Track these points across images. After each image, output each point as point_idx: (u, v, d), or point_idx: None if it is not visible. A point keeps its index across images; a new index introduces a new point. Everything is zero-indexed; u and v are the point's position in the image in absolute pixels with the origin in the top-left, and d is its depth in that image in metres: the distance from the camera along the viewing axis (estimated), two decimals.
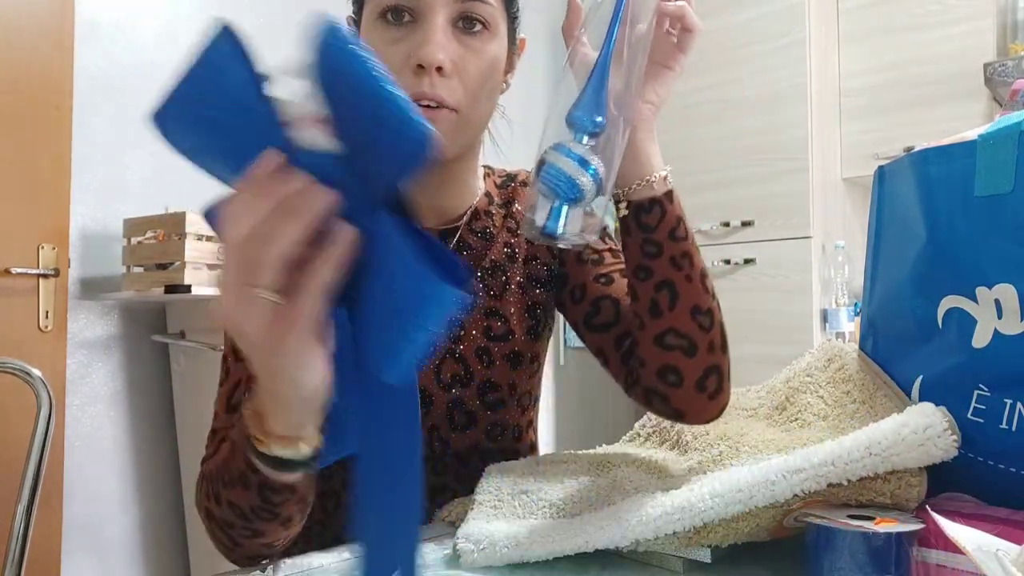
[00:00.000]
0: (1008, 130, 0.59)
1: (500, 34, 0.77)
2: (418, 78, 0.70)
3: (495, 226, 0.88)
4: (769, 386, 0.90)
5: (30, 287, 1.85)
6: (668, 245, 0.71)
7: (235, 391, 0.77)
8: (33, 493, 1.09)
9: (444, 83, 0.71)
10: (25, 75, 1.83)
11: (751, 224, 2.59)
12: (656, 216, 0.70)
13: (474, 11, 0.73)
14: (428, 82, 0.70)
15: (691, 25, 0.68)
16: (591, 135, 0.59)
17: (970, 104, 2.33)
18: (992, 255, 0.59)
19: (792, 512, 0.59)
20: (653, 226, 0.70)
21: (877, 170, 0.76)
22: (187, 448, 2.14)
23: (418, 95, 0.70)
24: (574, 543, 0.62)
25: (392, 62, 0.71)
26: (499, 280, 0.86)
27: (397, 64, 0.71)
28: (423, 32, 0.71)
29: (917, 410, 0.59)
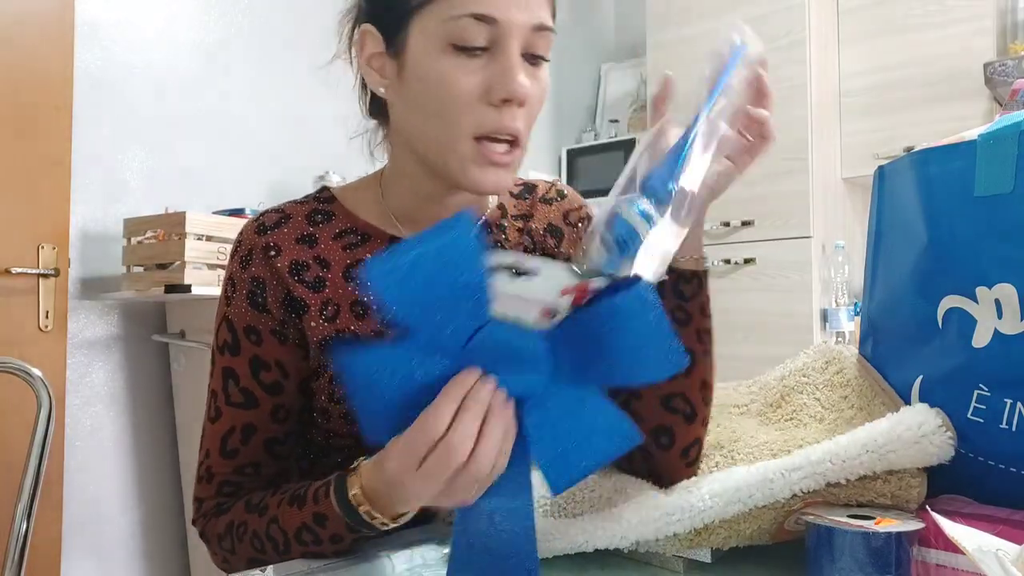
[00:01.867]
0: (1008, 130, 0.59)
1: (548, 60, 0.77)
2: (499, 112, 0.69)
3: (507, 241, 0.86)
4: (761, 382, 0.89)
5: (30, 287, 1.85)
6: (697, 318, 0.73)
7: (229, 436, 0.76)
8: (33, 493, 1.09)
9: (519, 114, 0.71)
10: (25, 75, 1.83)
11: (751, 224, 2.59)
12: (694, 288, 0.72)
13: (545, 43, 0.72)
14: (510, 115, 0.69)
15: (769, 134, 0.69)
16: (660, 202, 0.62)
17: (970, 104, 2.33)
18: (992, 255, 0.59)
19: (793, 513, 0.59)
20: (689, 296, 0.72)
21: (877, 170, 0.76)
22: (187, 448, 2.15)
23: (500, 128, 0.69)
24: (574, 543, 0.62)
25: (468, 93, 0.69)
26: None
27: (473, 96, 0.69)
28: (503, 63, 0.69)
29: (912, 409, 0.59)
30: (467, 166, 0.71)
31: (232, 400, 0.76)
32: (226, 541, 0.72)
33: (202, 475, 0.77)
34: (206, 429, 0.77)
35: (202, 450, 0.78)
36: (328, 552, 0.67)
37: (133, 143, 2.14)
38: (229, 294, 0.78)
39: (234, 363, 0.76)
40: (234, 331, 0.76)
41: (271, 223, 0.79)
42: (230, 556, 0.73)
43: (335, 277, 0.77)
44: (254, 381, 0.75)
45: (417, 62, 0.71)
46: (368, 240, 0.79)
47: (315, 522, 0.65)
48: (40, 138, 1.86)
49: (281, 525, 0.67)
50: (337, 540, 0.65)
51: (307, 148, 2.53)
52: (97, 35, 2.08)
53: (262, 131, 2.43)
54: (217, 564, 0.75)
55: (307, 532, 0.66)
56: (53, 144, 1.88)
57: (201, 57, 2.31)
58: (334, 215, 0.80)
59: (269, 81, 2.46)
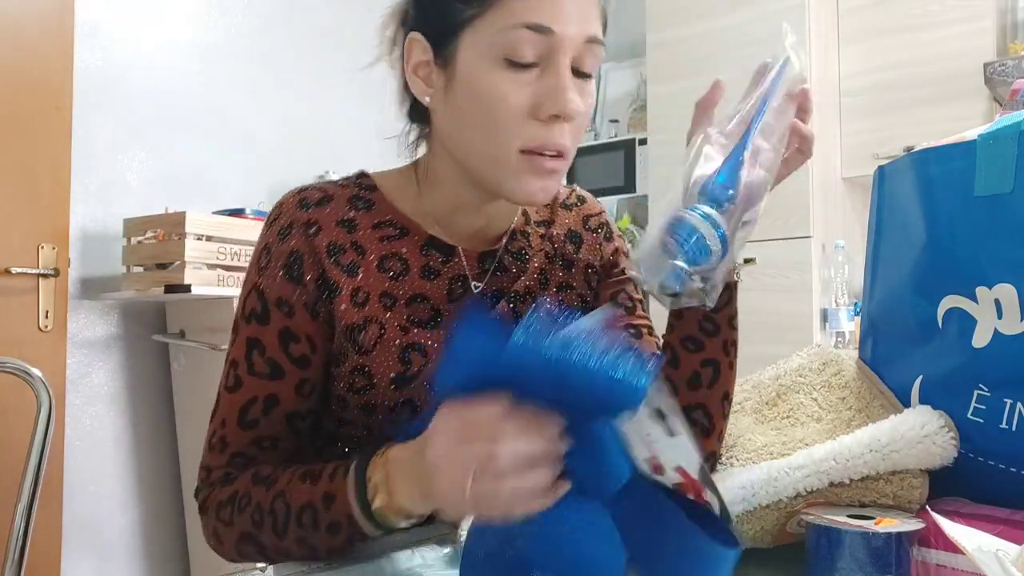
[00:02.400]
0: (1008, 130, 0.59)
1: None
2: (548, 127, 0.69)
3: (530, 247, 0.85)
4: (755, 381, 0.88)
5: (30, 287, 1.85)
6: (725, 329, 0.75)
7: (250, 406, 0.74)
8: (33, 493, 1.09)
9: (567, 130, 0.70)
10: (25, 75, 1.83)
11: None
12: (724, 299, 0.73)
13: (595, 57, 0.71)
14: (559, 131, 0.69)
15: (808, 151, 0.71)
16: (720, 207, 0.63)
17: (970, 104, 2.33)
18: (992, 255, 0.59)
19: (796, 515, 0.59)
20: (719, 307, 0.73)
21: (877, 170, 0.76)
22: (187, 447, 2.15)
23: (547, 145, 0.69)
24: None
25: (516, 107, 0.69)
26: (529, 306, 0.83)
27: (523, 109, 0.69)
28: (554, 78, 0.68)
29: (915, 411, 0.59)
30: (515, 177, 0.71)
31: (256, 370, 0.74)
32: (225, 511, 0.70)
33: (214, 444, 0.75)
34: (222, 398, 0.75)
35: (216, 419, 0.75)
36: (319, 545, 0.65)
37: (133, 143, 2.14)
38: (262, 264, 0.76)
39: (261, 333, 0.74)
40: (264, 301, 0.74)
41: (313, 200, 0.77)
42: (224, 530, 0.70)
43: (369, 265, 0.77)
44: (282, 353, 0.74)
45: (467, 75, 0.70)
46: (406, 235, 0.79)
47: (322, 502, 0.63)
48: (40, 138, 1.86)
49: (287, 499, 0.66)
50: (334, 531, 0.63)
51: (307, 148, 2.53)
52: (97, 35, 2.08)
53: (262, 131, 2.43)
54: (208, 539, 0.73)
55: (309, 512, 0.64)
56: (53, 144, 1.88)
57: (201, 57, 2.30)
58: (374, 204, 0.79)
59: (269, 81, 2.46)
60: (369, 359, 0.76)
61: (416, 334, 0.77)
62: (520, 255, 0.84)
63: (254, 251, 0.78)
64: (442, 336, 0.78)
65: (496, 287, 0.82)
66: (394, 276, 0.77)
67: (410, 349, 0.77)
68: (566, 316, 0.50)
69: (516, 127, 0.69)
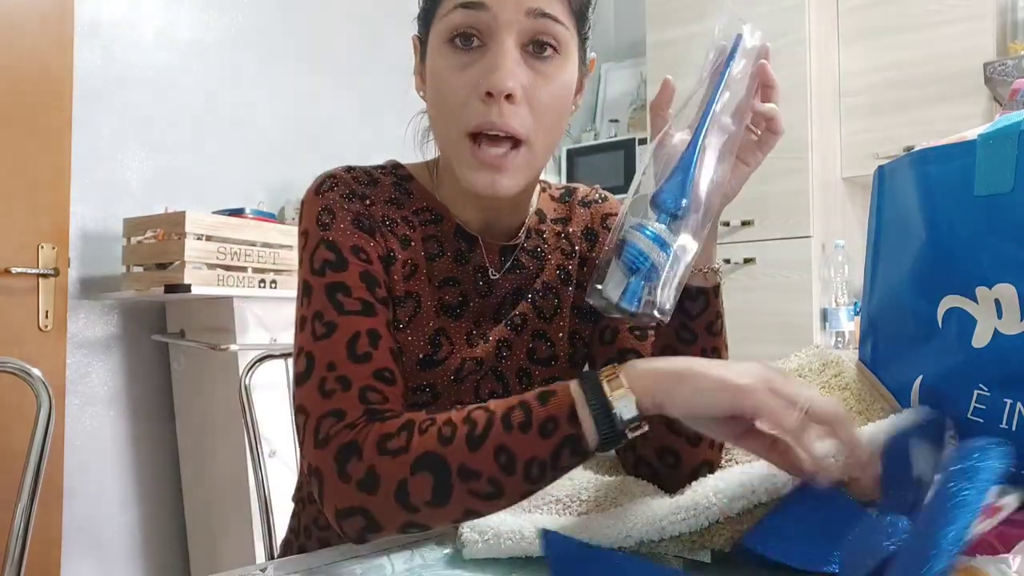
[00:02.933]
0: (1008, 130, 0.59)
1: (572, 57, 0.73)
2: (487, 106, 0.67)
3: (547, 245, 0.85)
4: None
5: (30, 287, 1.85)
6: (703, 337, 0.72)
7: (355, 341, 0.67)
8: (33, 493, 1.09)
9: (514, 111, 0.68)
10: (25, 75, 1.83)
11: (751, 224, 2.59)
12: (700, 306, 0.71)
13: (546, 32, 0.69)
14: (497, 111, 0.67)
15: (778, 128, 0.68)
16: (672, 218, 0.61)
17: (970, 104, 2.33)
18: (992, 255, 0.59)
19: None
20: (694, 315, 0.71)
21: (877, 170, 0.76)
22: (187, 448, 2.15)
23: (487, 125, 0.68)
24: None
25: (461, 89, 0.68)
26: (551, 302, 0.83)
27: (466, 91, 0.68)
28: (492, 57, 0.68)
29: (915, 410, 0.59)
30: (465, 164, 0.71)
31: (347, 309, 0.68)
32: (395, 440, 0.60)
33: (333, 387, 0.65)
34: (316, 350, 0.67)
35: (317, 369, 0.66)
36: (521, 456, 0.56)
37: (133, 143, 2.14)
38: (326, 221, 0.72)
39: (343, 277, 0.70)
40: (337, 250, 0.71)
41: (364, 180, 0.77)
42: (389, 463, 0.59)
43: (417, 241, 0.77)
44: (368, 292, 0.70)
45: (430, 64, 0.72)
46: (441, 220, 0.80)
47: (537, 398, 0.58)
48: (40, 138, 1.86)
49: (489, 408, 0.59)
50: (546, 431, 0.56)
51: (307, 148, 2.53)
52: (97, 35, 2.08)
53: (262, 131, 2.43)
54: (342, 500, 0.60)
55: (520, 410, 0.57)
56: (53, 144, 1.88)
57: (201, 57, 2.30)
58: (412, 193, 0.80)
59: (270, 81, 2.46)
60: (402, 336, 0.75)
61: (443, 320, 0.78)
62: (536, 253, 0.84)
63: (306, 216, 0.74)
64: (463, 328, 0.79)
65: (515, 284, 0.82)
66: (431, 257, 0.79)
67: (439, 334, 0.77)
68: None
69: (460, 108, 0.69)
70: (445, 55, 0.70)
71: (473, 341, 0.79)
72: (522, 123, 0.69)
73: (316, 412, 0.64)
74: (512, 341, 0.81)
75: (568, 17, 0.71)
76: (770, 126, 0.68)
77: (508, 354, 0.81)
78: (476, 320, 0.80)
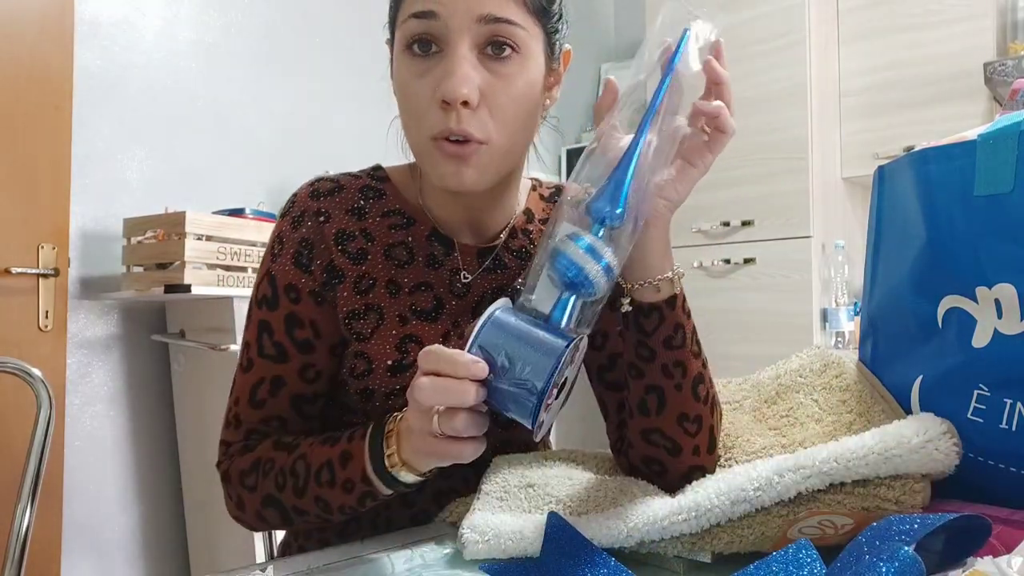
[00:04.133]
0: (1008, 130, 0.59)
1: (534, 54, 0.72)
2: (445, 114, 0.68)
3: (532, 245, 0.85)
4: (753, 380, 0.88)
5: (30, 287, 1.85)
6: (662, 353, 0.69)
7: (258, 387, 0.78)
8: (33, 493, 1.09)
9: (472, 116, 0.68)
10: (25, 75, 1.83)
11: (751, 224, 2.59)
12: (654, 322, 0.68)
13: (500, 35, 0.68)
14: (455, 117, 0.68)
15: (725, 127, 0.64)
16: (609, 227, 0.58)
17: (970, 104, 2.33)
18: (992, 255, 0.59)
19: (797, 522, 0.59)
20: (649, 331, 0.69)
21: (877, 170, 0.76)
22: (187, 448, 2.15)
23: (445, 131, 0.68)
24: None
25: (421, 96, 0.69)
26: None
27: (425, 98, 0.69)
28: (447, 64, 0.68)
29: (919, 416, 0.59)
30: (431, 163, 0.72)
31: (265, 352, 0.78)
32: (250, 477, 0.74)
33: (231, 420, 0.80)
34: (237, 378, 0.80)
35: (232, 396, 0.80)
36: (333, 503, 0.69)
37: (133, 143, 2.14)
38: (276, 251, 0.79)
39: (270, 317, 0.78)
40: (275, 287, 0.78)
41: (325, 190, 0.80)
42: (247, 496, 0.74)
43: (376, 252, 0.79)
44: (287, 337, 0.77)
45: (394, 70, 0.74)
46: (413, 224, 0.81)
47: (339, 459, 0.67)
48: (40, 138, 1.86)
49: (307, 460, 0.70)
50: (348, 487, 0.67)
51: (307, 148, 2.53)
52: (97, 35, 2.08)
53: (262, 131, 2.43)
54: (230, 509, 0.77)
55: (327, 470, 0.68)
56: (53, 144, 1.88)
57: (201, 57, 2.30)
58: (385, 194, 0.82)
59: (269, 81, 2.46)
60: (367, 346, 0.77)
61: (415, 326, 0.78)
62: (521, 253, 0.84)
63: (269, 239, 0.81)
64: (439, 330, 0.79)
65: (496, 284, 0.82)
66: (399, 264, 0.79)
67: (407, 340, 0.78)
68: None
69: (422, 116, 0.70)
70: (405, 62, 0.71)
71: (450, 341, 0.80)
72: (481, 127, 0.69)
73: (221, 432, 0.81)
74: None
75: (525, 16, 0.70)
76: (716, 125, 0.64)
77: None
78: (454, 321, 0.81)
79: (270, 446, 0.75)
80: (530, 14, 0.70)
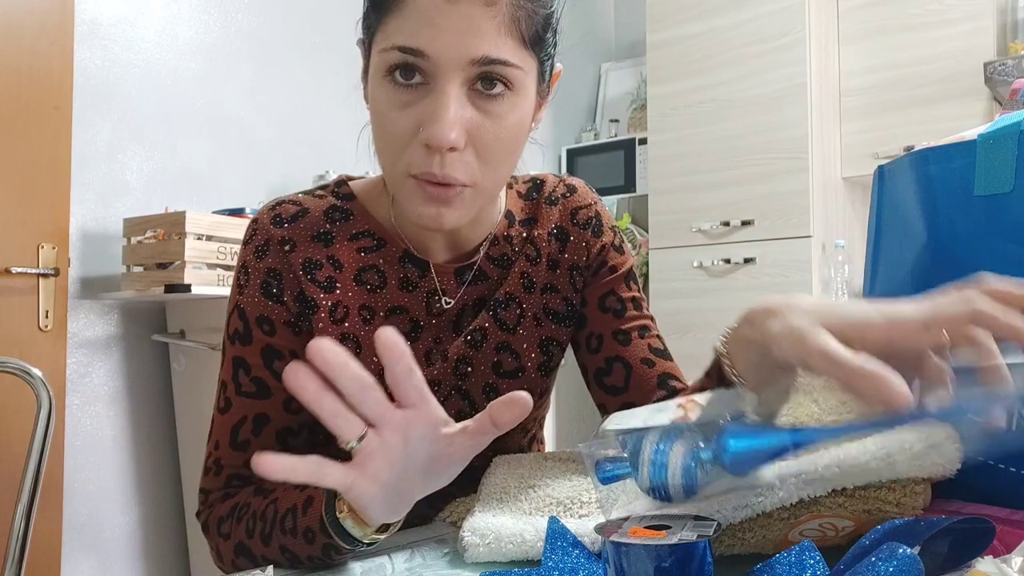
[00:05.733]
0: (1008, 130, 0.59)
1: (526, 89, 0.67)
2: (428, 154, 0.63)
3: (513, 251, 0.81)
4: None
5: (30, 287, 1.85)
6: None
7: (240, 427, 0.73)
8: (33, 493, 1.09)
9: (457, 159, 0.64)
10: (25, 75, 1.83)
11: (751, 223, 2.59)
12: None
13: (494, 73, 0.63)
14: (439, 162, 0.63)
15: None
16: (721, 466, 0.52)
17: (970, 104, 2.33)
18: (992, 255, 0.59)
19: (799, 525, 0.59)
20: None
21: (877, 169, 0.76)
22: (187, 448, 2.14)
23: (428, 175, 0.64)
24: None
25: (401, 130, 0.64)
26: (513, 313, 0.80)
27: (407, 133, 0.64)
28: (434, 101, 0.62)
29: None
30: (408, 200, 0.67)
31: (243, 390, 0.73)
32: (226, 524, 0.68)
33: (210, 467, 0.74)
34: (215, 420, 0.74)
35: (211, 441, 0.74)
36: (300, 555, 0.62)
37: (133, 143, 2.14)
38: (242, 283, 0.75)
39: (245, 352, 0.74)
40: (246, 320, 0.74)
41: (288, 215, 0.75)
42: (223, 545, 0.68)
43: (347, 280, 0.75)
44: (266, 371, 0.73)
45: (371, 87, 0.68)
46: (383, 246, 0.77)
47: (302, 505, 0.60)
48: (40, 138, 1.86)
49: (277, 504, 0.64)
50: (309, 538, 0.60)
51: (307, 148, 2.53)
52: (97, 35, 2.08)
53: (262, 131, 2.43)
54: (215, 561, 0.72)
55: (290, 516, 0.61)
56: (53, 144, 1.88)
57: (201, 57, 2.30)
58: (352, 214, 0.77)
59: (269, 81, 2.46)
60: None
61: None
62: (502, 260, 0.81)
63: (234, 269, 0.76)
64: (420, 350, 0.77)
65: (476, 296, 0.80)
66: (372, 289, 0.76)
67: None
68: None
69: (401, 150, 0.65)
70: (385, 88, 0.65)
71: (432, 359, 0.77)
72: (466, 171, 0.65)
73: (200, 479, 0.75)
74: (472, 357, 0.79)
75: (521, 52, 0.65)
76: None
77: (470, 371, 0.79)
78: (435, 338, 0.78)
79: (251, 491, 0.69)
80: (526, 48, 0.65)
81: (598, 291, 0.84)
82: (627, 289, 0.85)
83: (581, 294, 0.84)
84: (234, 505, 0.69)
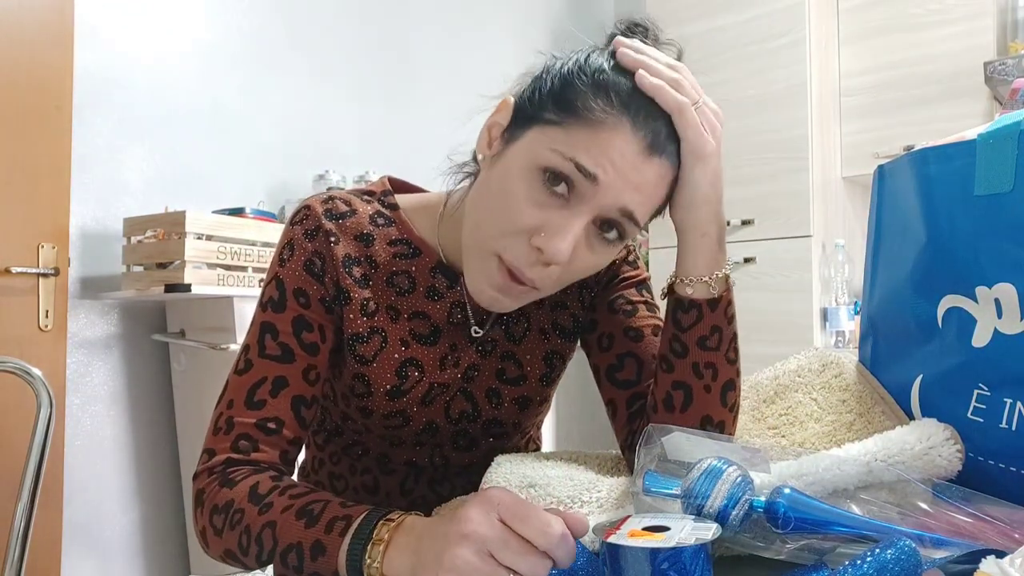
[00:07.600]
0: (1008, 130, 0.59)
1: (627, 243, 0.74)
2: (529, 254, 0.67)
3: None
4: (752, 381, 0.88)
5: (30, 286, 1.85)
6: (694, 351, 0.71)
7: (258, 387, 0.74)
8: (33, 493, 1.09)
9: (548, 272, 0.68)
10: (25, 75, 1.83)
11: (751, 223, 2.59)
12: (691, 318, 0.71)
13: (621, 224, 0.68)
14: (538, 270, 0.67)
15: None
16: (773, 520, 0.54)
17: (970, 103, 2.33)
18: (992, 255, 0.59)
19: None
20: (685, 327, 0.71)
21: (877, 169, 0.76)
22: (187, 448, 2.14)
23: (517, 270, 0.68)
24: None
25: (520, 218, 0.67)
26: (520, 325, 0.85)
27: (523, 224, 0.67)
28: (567, 220, 0.66)
29: (922, 422, 0.59)
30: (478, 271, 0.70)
31: (267, 352, 0.75)
32: (218, 518, 0.68)
33: (220, 426, 0.74)
34: (230, 382, 0.76)
35: (223, 401, 0.75)
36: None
37: (133, 143, 2.14)
38: (285, 256, 0.78)
39: (276, 319, 0.76)
40: (283, 290, 0.77)
41: (338, 212, 0.80)
42: (212, 537, 0.69)
43: (379, 279, 0.79)
44: (294, 338, 0.75)
45: (511, 163, 0.69)
46: (418, 255, 0.81)
47: (310, 549, 0.60)
48: (40, 138, 1.86)
49: (276, 533, 0.63)
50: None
51: (307, 148, 2.52)
52: (97, 35, 2.08)
53: (262, 131, 2.43)
54: (196, 530, 0.71)
55: (295, 554, 0.61)
56: (53, 144, 1.88)
57: (201, 57, 2.30)
58: (394, 222, 0.82)
59: (269, 81, 2.46)
60: (369, 369, 0.79)
61: (415, 349, 0.80)
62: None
63: (277, 246, 0.80)
64: (436, 354, 0.81)
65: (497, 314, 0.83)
66: (400, 292, 0.80)
67: (407, 364, 0.79)
68: None
69: (506, 234, 0.67)
70: (528, 179, 0.67)
71: (446, 364, 0.81)
72: (544, 280, 0.69)
73: (205, 441, 0.74)
74: (480, 364, 0.83)
75: (647, 219, 0.70)
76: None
77: (476, 375, 0.83)
78: (452, 344, 0.82)
79: (246, 493, 0.68)
80: (649, 215, 0.71)
81: (607, 296, 0.86)
82: (638, 295, 0.86)
83: (590, 305, 0.87)
84: (229, 503, 0.68)
